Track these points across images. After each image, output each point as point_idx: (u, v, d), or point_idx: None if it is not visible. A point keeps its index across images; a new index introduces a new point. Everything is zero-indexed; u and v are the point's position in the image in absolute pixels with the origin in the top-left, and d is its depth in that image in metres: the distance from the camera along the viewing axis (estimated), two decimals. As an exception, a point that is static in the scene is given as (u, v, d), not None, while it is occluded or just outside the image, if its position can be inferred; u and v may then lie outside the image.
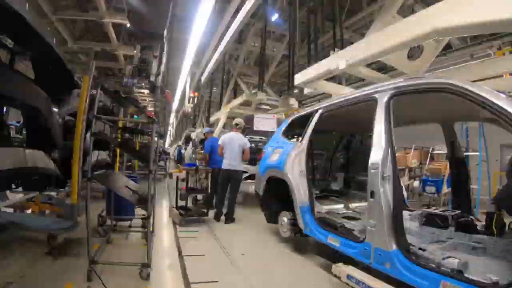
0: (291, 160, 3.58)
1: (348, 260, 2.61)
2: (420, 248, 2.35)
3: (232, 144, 5.17)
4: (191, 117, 19.54)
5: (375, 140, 2.49)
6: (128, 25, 6.03)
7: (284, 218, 3.73)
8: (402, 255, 2.15)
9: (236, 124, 5.53)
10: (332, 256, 3.07)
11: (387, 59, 3.87)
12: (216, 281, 2.73)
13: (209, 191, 5.82)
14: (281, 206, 3.92)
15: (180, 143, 20.82)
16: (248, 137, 7.50)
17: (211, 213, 5.05)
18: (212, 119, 11.75)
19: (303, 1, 8.15)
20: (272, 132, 7.42)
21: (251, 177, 6.32)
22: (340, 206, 4.23)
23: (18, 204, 3.91)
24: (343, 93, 4.18)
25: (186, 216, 4.75)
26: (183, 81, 13.65)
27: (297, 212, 3.40)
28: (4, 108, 3.90)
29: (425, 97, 2.57)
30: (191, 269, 2.97)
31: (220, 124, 9.00)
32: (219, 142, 5.53)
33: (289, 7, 7.91)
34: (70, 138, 4.32)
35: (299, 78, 4.80)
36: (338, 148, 5.09)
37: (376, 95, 2.69)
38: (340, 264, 2.54)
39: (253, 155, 7.05)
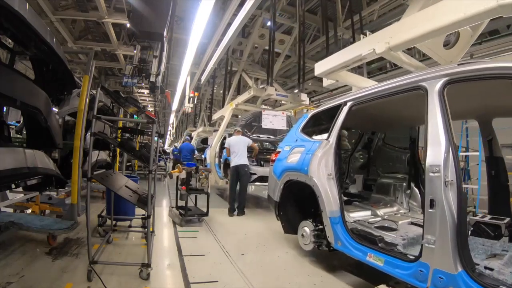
0: (316, 161, 3.06)
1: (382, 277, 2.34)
2: (486, 267, 2.03)
3: (238, 144, 5.86)
4: (192, 116, 19.04)
5: (431, 137, 2.09)
6: (128, 25, 6.03)
7: (306, 229, 3.23)
8: (469, 278, 1.77)
9: (239, 130, 6.28)
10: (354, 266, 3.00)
11: (422, 45, 3.27)
12: (216, 281, 2.73)
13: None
14: (301, 214, 3.51)
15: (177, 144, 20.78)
16: (255, 136, 7.37)
17: (211, 212, 5.05)
18: (214, 117, 10.90)
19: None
20: (282, 131, 7.16)
21: (262, 179, 6.19)
22: (367, 213, 3.66)
23: (18, 204, 3.91)
24: (368, 85, 3.50)
25: (186, 216, 4.75)
26: (183, 81, 13.57)
27: (325, 223, 2.92)
28: (4, 108, 3.91)
29: (474, 87, 2.24)
30: (191, 269, 2.97)
31: (225, 123, 8.21)
32: (226, 145, 6.23)
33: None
34: (70, 138, 4.35)
35: (321, 66, 4.07)
36: (357, 147, 4.66)
37: (424, 83, 2.28)
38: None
39: (261, 155, 6.97)
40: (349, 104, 3.10)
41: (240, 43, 9.37)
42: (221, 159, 7.68)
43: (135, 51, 5.88)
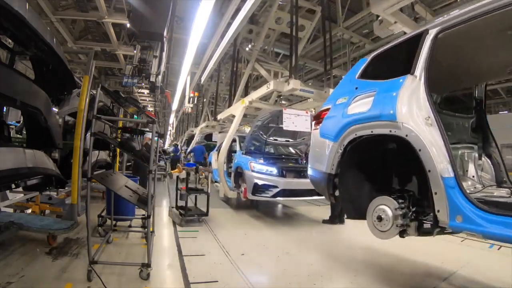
0: (406, 100, 2.18)
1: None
2: None
3: None
4: (193, 115, 18.31)
5: None
6: (128, 25, 6.03)
7: (385, 208, 2.26)
8: None
9: None
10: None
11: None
12: (216, 281, 2.73)
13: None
14: (372, 189, 2.60)
15: (178, 142, 20.65)
16: (272, 139, 6.63)
17: (211, 212, 5.05)
18: (221, 116, 9.49)
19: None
20: (303, 133, 6.34)
21: (285, 193, 5.16)
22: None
23: (18, 204, 3.91)
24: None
25: (186, 216, 4.75)
26: (183, 81, 13.50)
27: (435, 189, 1.96)
28: (4, 108, 3.91)
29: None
30: (191, 269, 2.97)
31: (236, 123, 6.87)
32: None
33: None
34: (70, 138, 4.35)
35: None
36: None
37: None
38: None
39: (281, 163, 5.82)
40: (434, 31, 2.23)
41: (250, 31, 8.05)
42: (232, 166, 6.51)
43: (135, 51, 5.89)
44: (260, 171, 5.29)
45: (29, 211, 3.99)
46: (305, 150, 6.83)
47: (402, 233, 2.27)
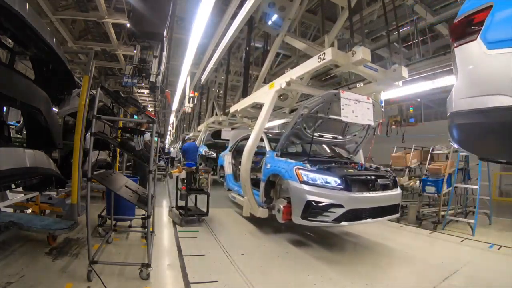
0: None
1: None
2: None
3: None
4: (194, 115, 16.85)
5: None
6: (128, 25, 6.03)
7: None
8: None
9: None
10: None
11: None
12: (216, 281, 2.73)
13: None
14: None
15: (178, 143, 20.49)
16: (316, 136, 4.68)
17: (211, 212, 5.05)
18: (237, 107, 7.38)
19: None
20: (353, 127, 4.85)
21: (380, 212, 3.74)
22: None
23: (18, 204, 3.92)
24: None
25: (186, 216, 4.75)
26: (183, 81, 13.46)
27: None
28: (4, 108, 3.92)
29: None
30: (191, 269, 2.97)
31: (266, 114, 4.91)
32: None
33: None
34: (70, 138, 4.35)
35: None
36: None
37: None
38: None
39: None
40: None
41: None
42: (262, 173, 4.67)
43: (135, 51, 5.87)
44: (315, 182, 3.60)
45: (29, 211, 3.99)
46: (354, 151, 5.39)
47: None
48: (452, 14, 6.72)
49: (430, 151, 6.55)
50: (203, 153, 10.34)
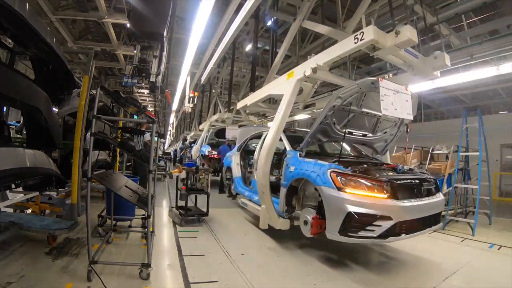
0: None
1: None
2: None
3: None
4: (195, 112, 16.49)
5: None
6: (128, 25, 6.03)
7: None
8: None
9: None
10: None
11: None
12: (216, 281, 2.73)
13: None
14: None
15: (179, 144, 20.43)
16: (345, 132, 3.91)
17: (211, 212, 5.05)
18: (248, 102, 6.42)
19: None
20: (385, 124, 4.34)
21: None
22: None
23: (18, 204, 3.92)
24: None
25: (186, 216, 4.75)
26: (183, 81, 13.42)
27: None
28: (4, 108, 3.92)
29: None
30: (191, 269, 2.97)
31: (288, 106, 4.19)
32: None
33: None
34: (70, 138, 4.35)
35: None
36: None
37: None
38: None
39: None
40: None
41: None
42: (283, 177, 3.93)
43: (135, 51, 5.87)
44: (357, 188, 3.01)
45: (29, 211, 3.99)
46: (382, 150, 4.80)
47: None
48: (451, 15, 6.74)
49: (430, 151, 6.56)
50: (206, 153, 9.85)
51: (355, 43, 3.56)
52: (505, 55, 6.08)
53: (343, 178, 3.06)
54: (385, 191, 2.98)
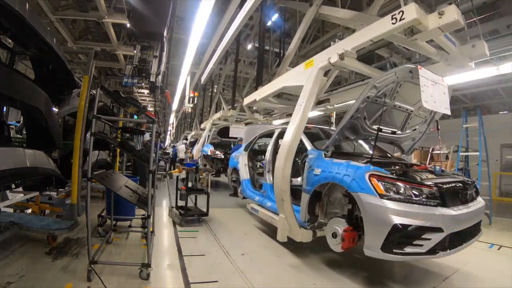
0: None
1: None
2: None
3: None
4: (196, 111, 16.50)
5: None
6: (128, 25, 6.04)
7: None
8: None
9: None
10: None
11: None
12: (216, 281, 2.73)
13: None
14: None
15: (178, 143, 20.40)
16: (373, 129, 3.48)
17: (212, 212, 5.05)
18: (257, 96, 5.73)
19: None
20: (415, 119, 3.83)
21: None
22: None
23: (18, 204, 3.92)
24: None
25: (186, 216, 4.75)
26: (183, 81, 13.41)
27: None
28: (4, 108, 3.92)
29: None
30: (191, 269, 2.97)
31: (310, 97, 3.61)
32: None
33: None
34: (70, 138, 4.35)
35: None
36: None
37: None
38: None
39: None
40: None
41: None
42: (305, 181, 3.38)
43: (135, 51, 5.88)
44: (402, 195, 2.55)
45: (29, 211, 3.99)
46: (409, 150, 4.33)
47: None
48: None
49: (430, 151, 6.56)
50: (208, 153, 9.27)
51: (392, 23, 3.04)
52: (505, 55, 6.08)
53: (385, 183, 2.58)
54: (434, 198, 2.57)
